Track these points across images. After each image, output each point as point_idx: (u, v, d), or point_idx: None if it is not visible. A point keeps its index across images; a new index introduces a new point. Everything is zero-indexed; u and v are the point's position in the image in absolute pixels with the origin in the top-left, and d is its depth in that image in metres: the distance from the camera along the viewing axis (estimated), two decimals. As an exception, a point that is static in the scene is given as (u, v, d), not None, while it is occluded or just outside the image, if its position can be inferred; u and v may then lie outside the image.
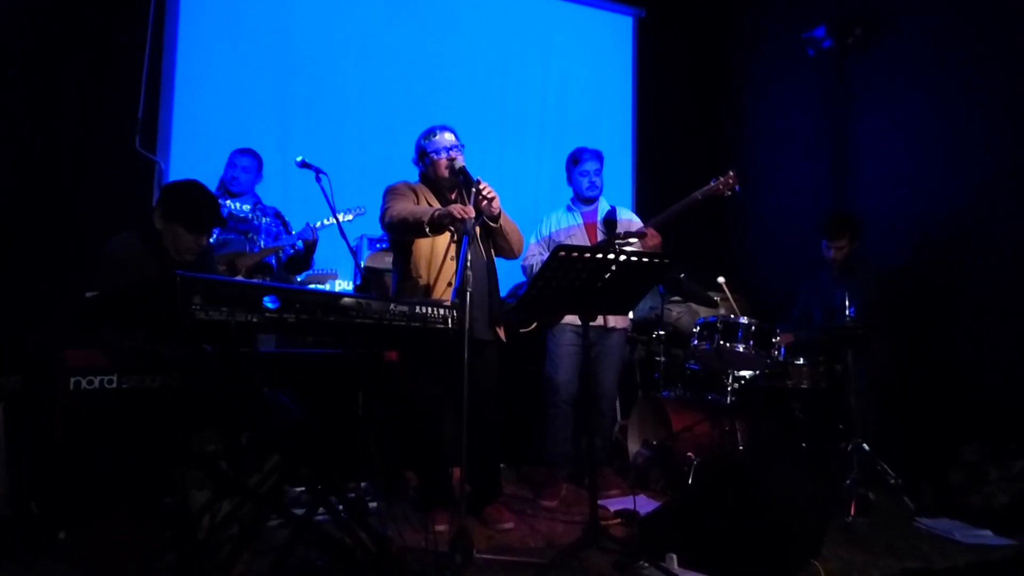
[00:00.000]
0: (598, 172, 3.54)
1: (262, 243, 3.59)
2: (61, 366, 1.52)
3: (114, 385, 1.60)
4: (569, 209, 3.61)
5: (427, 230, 2.67)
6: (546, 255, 3.49)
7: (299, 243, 3.55)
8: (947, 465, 3.25)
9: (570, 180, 3.60)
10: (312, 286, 3.69)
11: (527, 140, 5.03)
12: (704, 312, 3.97)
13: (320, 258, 3.79)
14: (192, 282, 1.54)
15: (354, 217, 3.72)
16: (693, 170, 5.17)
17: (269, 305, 1.72)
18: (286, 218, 3.73)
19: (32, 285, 3.35)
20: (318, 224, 3.57)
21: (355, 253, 3.51)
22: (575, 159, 3.56)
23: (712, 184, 3.37)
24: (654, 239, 3.33)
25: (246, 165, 3.63)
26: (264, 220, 3.64)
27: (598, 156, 3.56)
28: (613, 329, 3.48)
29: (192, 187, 2.42)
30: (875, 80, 4.31)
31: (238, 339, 1.75)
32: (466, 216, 2.59)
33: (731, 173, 3.37)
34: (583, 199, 3.57)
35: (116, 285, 2.03)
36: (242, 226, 3.58)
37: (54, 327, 2.79)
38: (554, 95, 5.17)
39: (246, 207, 3.61)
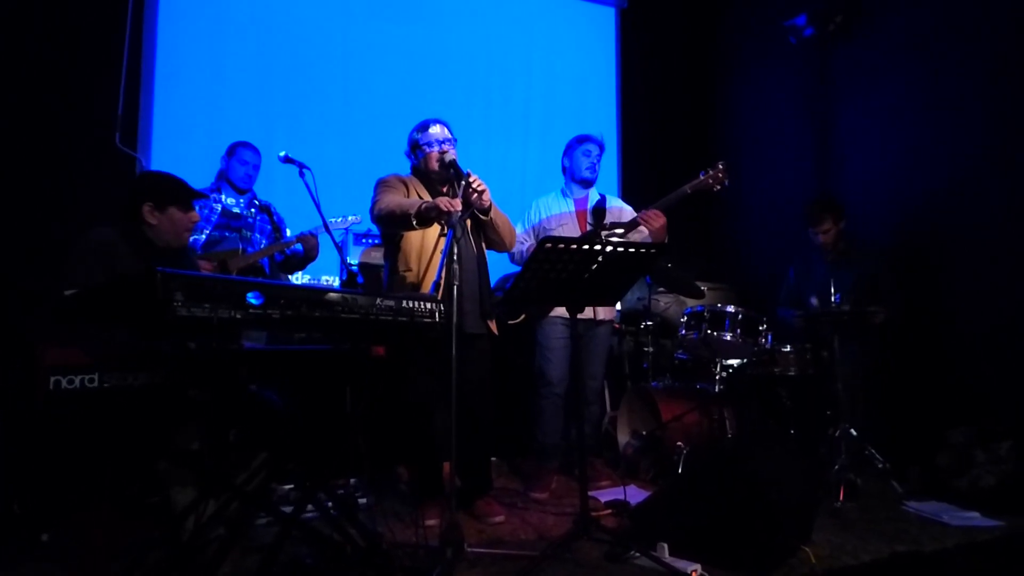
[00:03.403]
0: (599, 157, 3.55)
1: (253, 240, 3.53)
2: (40, 365, 1.48)
3: (95, 384, 1.56)
4: (564, 194, 3.58)
5: (414, 222, 2.66)
6: (532, 242, 3.49)
7: (298, 246, 3.51)
8: (934, 448, 3.27)
9: (570, 159, 3.56)
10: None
11: (512, 133, 5.01)
12: (691, 302, 3.98)
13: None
14: (172, 278, 1.51)
15: (350, 225, 3.68)
16: (678, 160, 5.22)
17: (253, 301, 1.69)
18: (278, 214, 3.68)
19: (10, 283, 3.30)
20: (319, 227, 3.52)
21: (340, 249, 3.47)
22: (580, 139, 3.54)
23: (701, 177, 3.29)
24: (658, 219, 3.20)
25: (257, 163, 3.59)
26: (258, 217, 3.59)
27: (601, 145, 3.57)
28: (602, 321, 3.47)
29: (162, 173, 2.47)
30: (857, 66, 4.33)
31: (221, 336, 1.72)
32: (452, 209, 2.57)
33: (720, 166, 3.27)
34: (580, 181, 3.53)
35: (97, 279, 2.00)
36: (235, 223, 3.52)
37: (33, 325, 2.75)
38: (539, 87, 5.15)
39: (234, 201, 3.55)
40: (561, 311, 3.34)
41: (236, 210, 3.54)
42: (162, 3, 4.06)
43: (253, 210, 3.58)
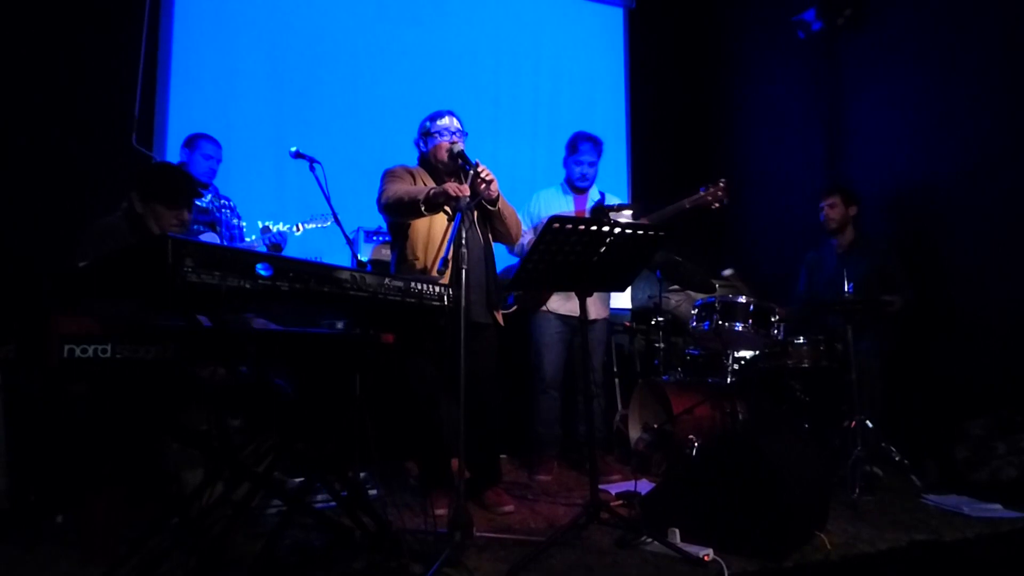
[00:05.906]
0: (593, 164, 3.56)
1: (223, 234, 3.54)
2: (54, 333, 1.49)
3: (108, 355, 1.57)
4: (564, 191, 3.63)
5: (423, 208, 2.66)
6: (533, 237, 3.49)
7: (262, 247, 3.49)
8: (952, 441, 3.21)
9: (565, 165, 3.63)
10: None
11: (521, 133, 5.04)
12: (703, 297, 3.95)
13: (317, 251, 3.79)
14: (183, 244, 1.53)
15: (318, 227, 3.66)
16: (688, 159, 5.22)
17: (262, 272, 1.70)
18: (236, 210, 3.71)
19: (27, 284, 3.34)
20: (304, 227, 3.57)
21: (352, 243, 3.50)
22: (573, 147, 3.56)
23: (701, 193, 3.37)
24: None
25: (220, 157, 3.57)
26: (225, 212, 3.60)
27: (596, 148, 3.56)
28: (594, 321, 3.45)
29: (163, 166, 2.50)
30: (865, 60, 4.32)
31: (229, 306, 1.73)
32: (461, 194, 2.58)
33: (721, 183, 3.35)
34: (574, 187, 3.60)
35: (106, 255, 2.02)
36: (203, 217, 3.51)
37: (46, 296, 2.78)
38: (547, 88, 5.18)
39: (210, 198, 3.55)
40: (554, 305, 3.37)
41: (202, 204, 3.49)
42: (177, 8, 4.16)
43: (217, 205, 3.57)
